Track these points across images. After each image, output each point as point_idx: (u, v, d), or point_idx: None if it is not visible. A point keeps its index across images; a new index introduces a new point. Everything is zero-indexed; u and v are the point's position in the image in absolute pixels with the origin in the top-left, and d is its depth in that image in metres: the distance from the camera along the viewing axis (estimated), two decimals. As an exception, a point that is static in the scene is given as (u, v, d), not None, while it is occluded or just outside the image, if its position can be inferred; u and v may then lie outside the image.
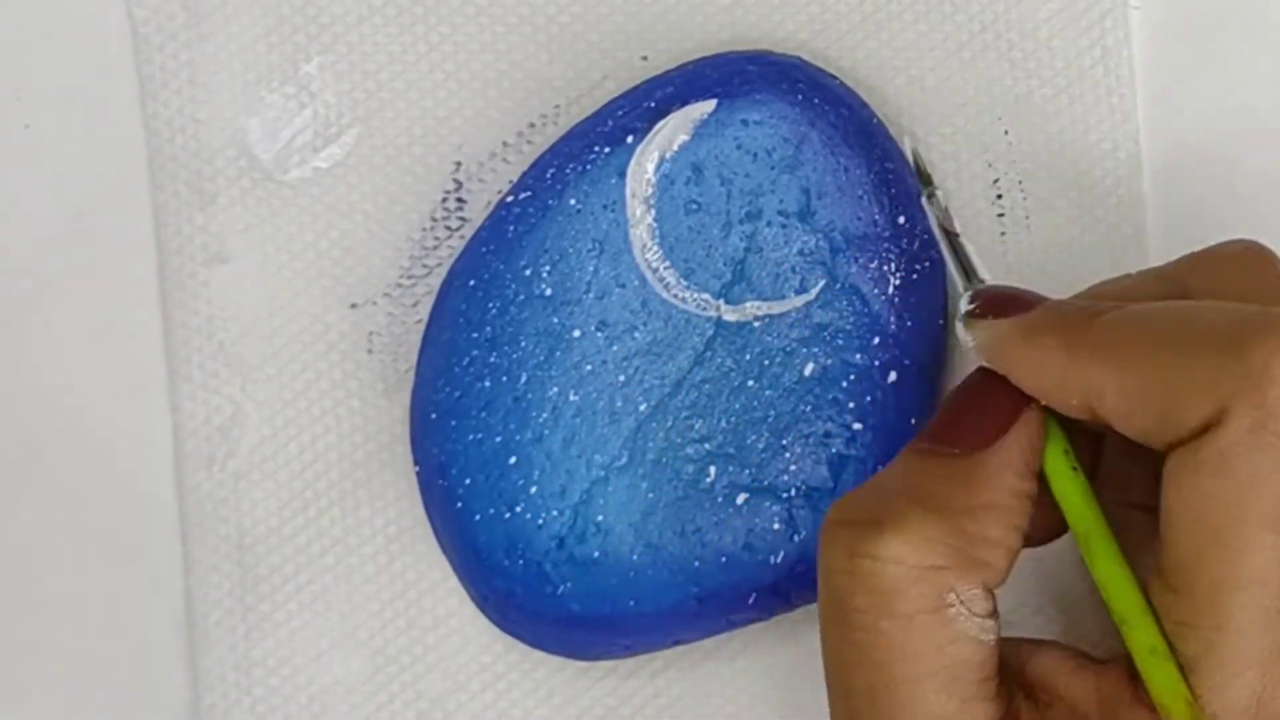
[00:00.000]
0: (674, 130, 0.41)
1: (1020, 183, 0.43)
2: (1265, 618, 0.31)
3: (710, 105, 0.41)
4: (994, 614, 0.34)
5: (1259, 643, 0.31)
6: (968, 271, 0.38)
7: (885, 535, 0.33)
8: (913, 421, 0.41)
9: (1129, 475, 0.37)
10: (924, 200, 0.40)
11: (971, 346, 0.36)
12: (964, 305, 0.37)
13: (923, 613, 0.33)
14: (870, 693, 0.34)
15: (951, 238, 0.39)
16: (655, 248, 0.41)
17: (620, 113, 0.42)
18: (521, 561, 0.41)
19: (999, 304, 0.36)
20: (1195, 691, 0.32)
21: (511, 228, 0.42)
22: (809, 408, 0.41)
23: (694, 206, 0.41)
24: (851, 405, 0.41)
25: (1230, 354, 0.32)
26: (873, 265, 0.41)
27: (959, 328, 0.37)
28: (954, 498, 0.34)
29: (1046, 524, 0.36)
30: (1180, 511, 0.32)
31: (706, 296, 0.41)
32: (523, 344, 0.41)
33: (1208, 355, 0.32)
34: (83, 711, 0.44)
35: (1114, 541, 0.34)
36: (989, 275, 0.38)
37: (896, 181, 0.41)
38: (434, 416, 0.42)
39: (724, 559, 0.41)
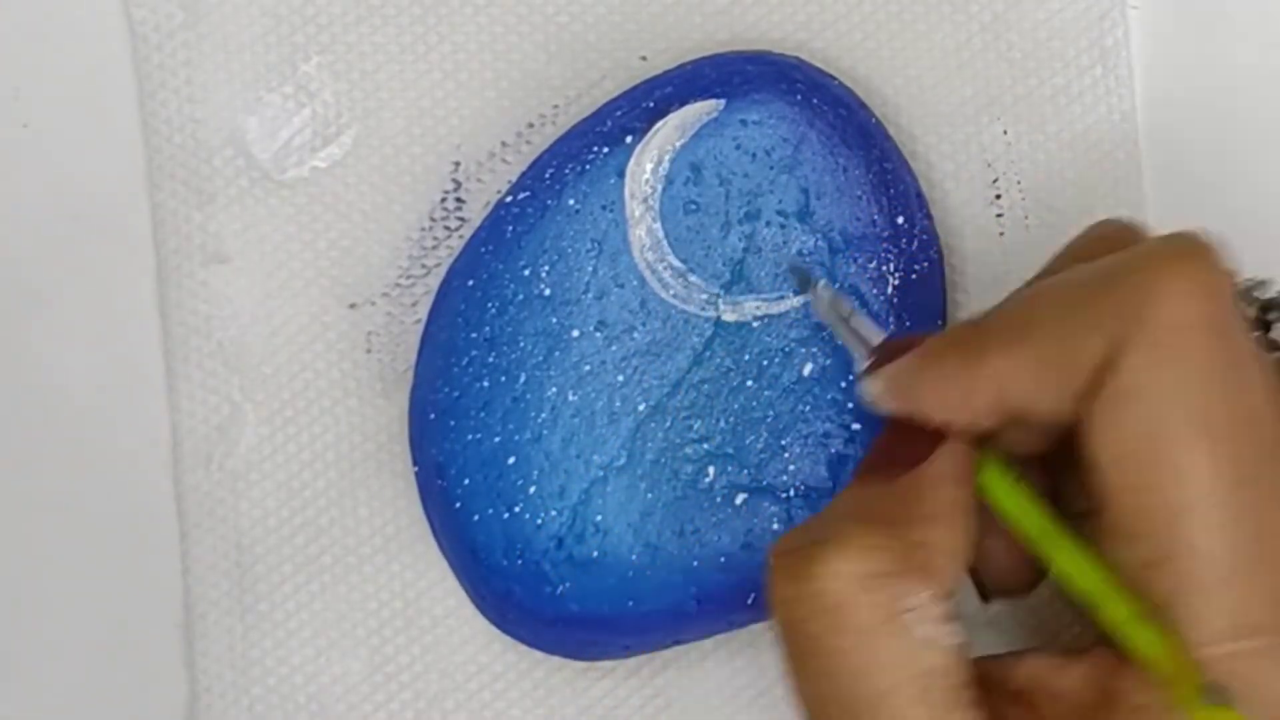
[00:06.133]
0: (673, 130, 0.41)
1: (1019, 182, 0.43)
2: (1224, 531, 0.31)
3: (715, 105, 0.41)
4: (953, 620, 0.34)
5: (1225, 559, 0.31)
6: (865, 343, 0.39)
7: (828, 551, 0.33)
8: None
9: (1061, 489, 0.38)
10: (810, 297, 0.41)
11: (875, 398, 0.37)
12: (861, 365, 0.38)
13: (878, 624, 0.33)
14: (849, 713, 0.34)
15: (846, 319, 0.39)
16: (654, 248, 0.41)
17: (619, 113, 0.42)
18: (520, 561, 0.41)
19: (893, 350, 0.37)
20: (1176, 627, 0.32)
21: (510, 228, 0.42)
22: (808, 407, 0.41)
23: (693, 207, 0.41)
24: (850, 405, 0.41)
25: (1106, 293, 0.32)
26: (871, 265, 0.41)
27: (861, 387, 0.37)
28: (893, 511, 0.34)
29: (1015, 568, 0.36)
30: (1110, 456, 0.32)
31: (705, 296, 0.41)
32: (521, 344, 0.41)
33: (1086, 303, 0.32)
34: (81, 710, 0.44)
35: (1066, 533, 0.34)
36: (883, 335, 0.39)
37: (895, 182, 0.41)
38: (433, 416, 0.42)
39: (723, 559, 0.41)
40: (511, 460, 0.41)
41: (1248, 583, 0.31)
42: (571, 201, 0.42)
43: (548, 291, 0.41)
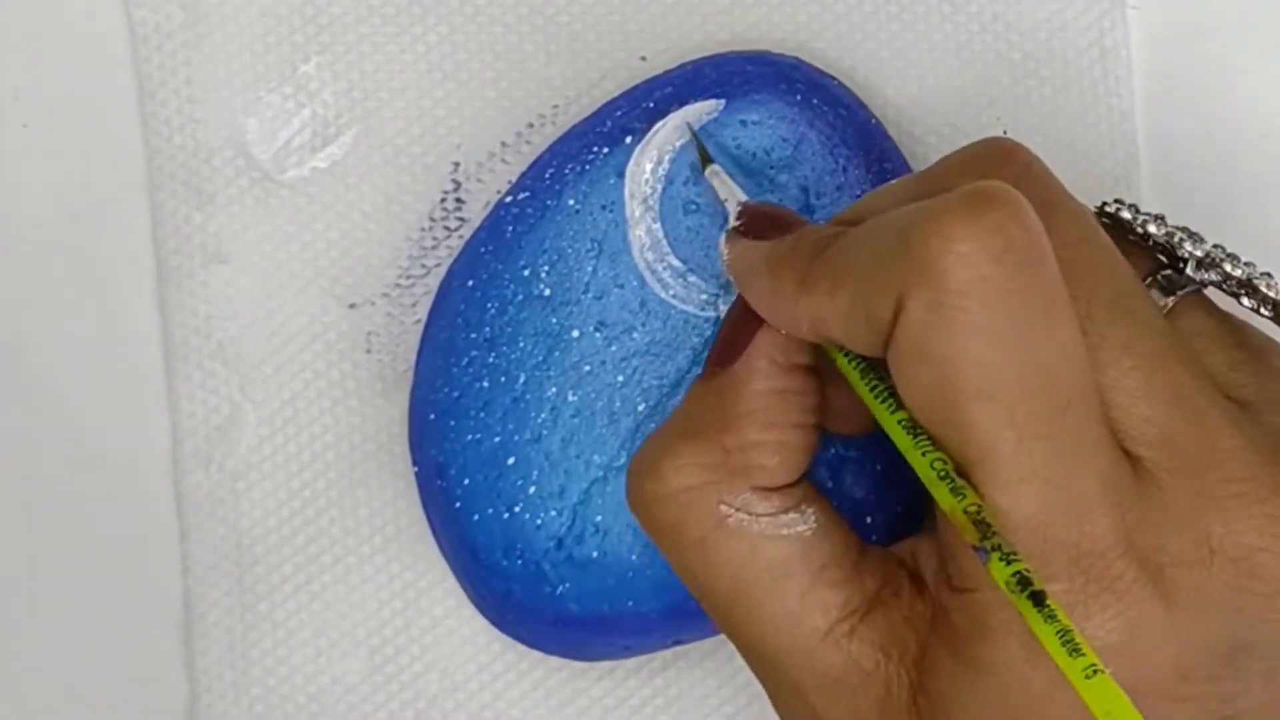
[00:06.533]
0: (672, 130, 0.41)
1: (1019, 183, 0.43)
2: (1010, 486, 0.31)
3: (715, 105, 0.41)
4: (795, 508, 0.35)
5: (1014, 513, 0.31)
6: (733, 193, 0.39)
7: (652, 475, 0.35)
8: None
9: None
10: (706, 174, 0.40)
11: (725, 263, 0.37)
12: (732, 220, 0.38)
13: (708, 532, 0.34)
14: (726, 615, 0.35)
15: (712, 174, 0.40)
16: (654, 248, 0.41)
17: (619, 113, 0.42)
18: (520, 561, 0.41)
19: (762, 223, 0.37)
20: (969, 570, 0.32)
21: (510, 228, 0.42)
22: (807, 408, 0.41)
23: (693, 207, 0.41)
24: (850, 405, 0.41)
25: (899, 247, 0.32)
26: (871, 266, 0.41)
27: (720, 241, 0.38)
28: (712, 415, 0.35)
29: (853, 413, 0.37)
30: (911, 405, 0.32)
31: (705, 297, 0.41)
32: (521, 344, 0.41)
33: (884, 258, 0.32)
34: (81, 710, 0.44)
35: (891, 399, 0.34)
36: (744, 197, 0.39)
37: (895, 182, 0.42)
38: (432, 417, 0.42)
39: (722, 559, 0.41)
40: (511, 460, 0.41)
41: (1039, 534, 0.31)
42: (571, 202, 0.42)
43: (547, 292, 0.41)
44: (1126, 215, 0.37)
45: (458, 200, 0.44)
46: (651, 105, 0.42)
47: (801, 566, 0.35)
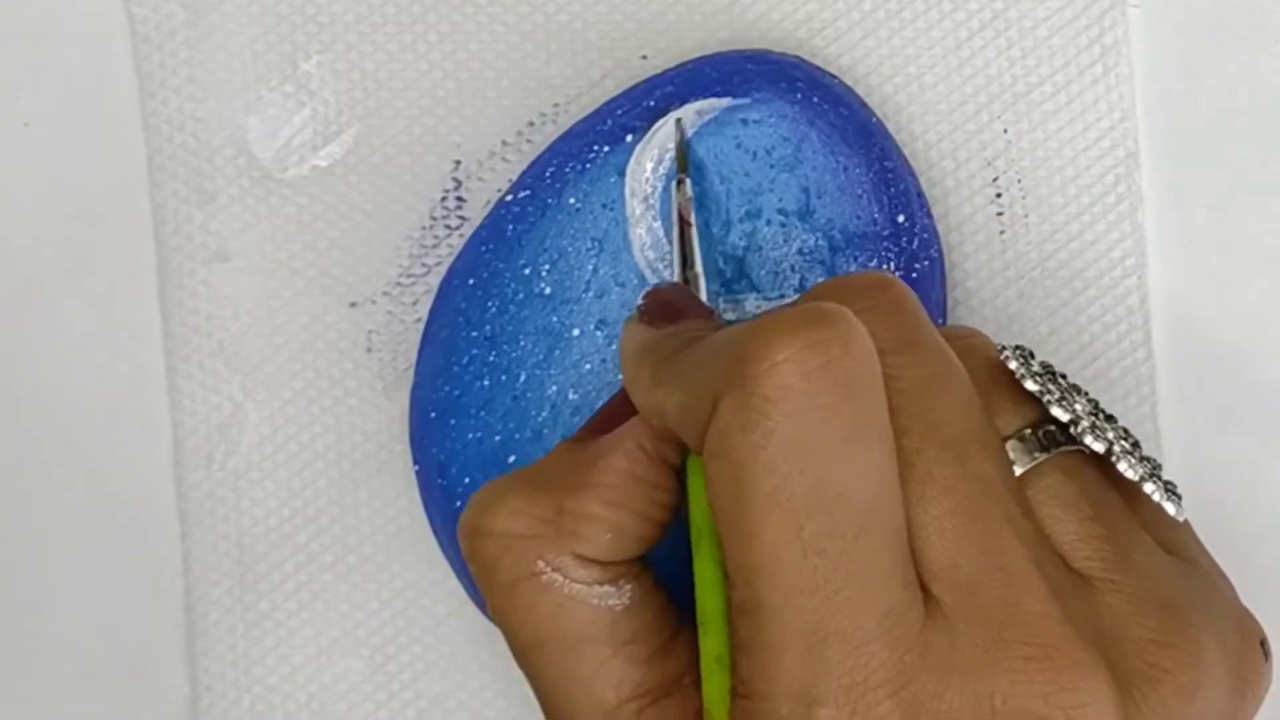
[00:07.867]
0: (674, 129, 0.41)
1: (1019, 182, 0.43)
2: (791, 598, 0.31)
3: (716, 104, 0.41)
4: (613, 582, 0.34)
5: (792, 624, 0.31)
6: (686, 261, 0.40)
7: (486, 510, 0.35)
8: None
9: None
10: (673, 185, 0.41)
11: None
12: (640, 300, 0.37)
13: (522, 580, 0.34)
14: (524, 660, 0.35)
15: (684, 227, 0.40)
16: (654, 246, 0.41)
17: (619, 112, 0.42)
18: (521, 560, 0.41)
19: (654, 311, 0.37)
20: (745, 676, 0.32)
21: (511, 226, 0.42)
22: (808, 406, 0.41)
23: (694, 205, 0.41)
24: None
25: (726, 354, 0.32)
26: (872, 264, 0.41)
27: (625, 320, 0.37)
28: (562, 477, 0.35)
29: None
30: (713, 504, 0.32)
31: (705, 296, 0.41)
32: (522, 343, 0.41)
33: (717, 358, 0.32)
34: (82, 710, 0.44)
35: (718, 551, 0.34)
36: (701, 269, 0.39)
37: (896, 180, 0.42)
38: (433, 415, 0.42)
39: (723, 558, 0.41)
40: (512, 459, 0.41)
41: (814, 653, 0.31)
42: (572, 200, 0.42)
43: (548, 290, 0.41)
44: (1013, 365, 0.35)
45: (458, 199, 0.44)
46: (652, 104, 0.42)
47: (605, 636, 0.34)
